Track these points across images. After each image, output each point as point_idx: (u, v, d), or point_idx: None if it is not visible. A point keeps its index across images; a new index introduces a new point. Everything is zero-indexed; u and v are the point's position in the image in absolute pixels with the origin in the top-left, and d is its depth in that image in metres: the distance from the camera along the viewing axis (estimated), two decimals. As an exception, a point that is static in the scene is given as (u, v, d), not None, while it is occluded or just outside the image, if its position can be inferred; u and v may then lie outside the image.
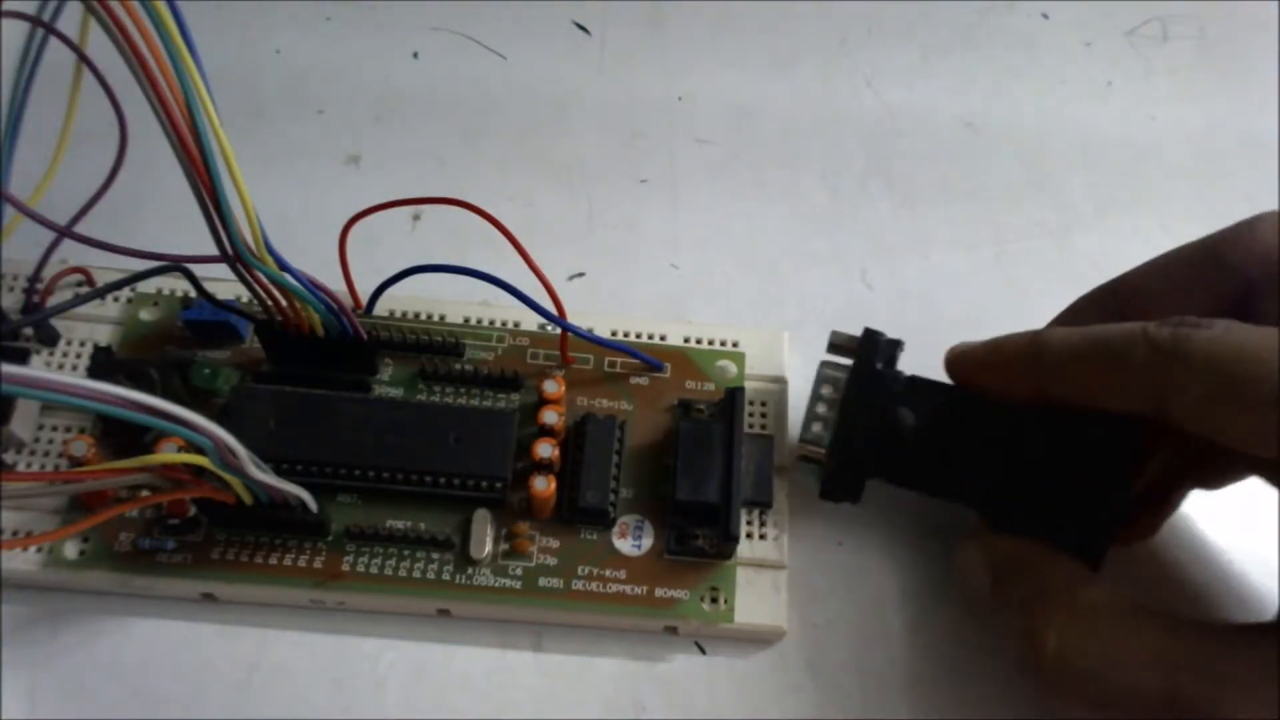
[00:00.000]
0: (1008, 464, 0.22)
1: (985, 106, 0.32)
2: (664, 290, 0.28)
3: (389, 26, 0.32)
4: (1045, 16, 0.34)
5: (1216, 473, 0.24)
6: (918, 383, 0.23)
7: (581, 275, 0.29)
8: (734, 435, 0.24)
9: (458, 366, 0.25)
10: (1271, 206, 0.30)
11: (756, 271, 0.29)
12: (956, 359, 0.23)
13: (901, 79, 0.32)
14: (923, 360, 0.23)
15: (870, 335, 0.23)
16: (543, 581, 0.23)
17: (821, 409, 0.24)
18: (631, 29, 0.33)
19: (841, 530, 0.25)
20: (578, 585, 0.23)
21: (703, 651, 0.24)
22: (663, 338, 0.26)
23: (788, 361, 0.26)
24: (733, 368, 0.26)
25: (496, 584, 0.23)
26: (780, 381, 0.26)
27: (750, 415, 0.25)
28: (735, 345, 0.26)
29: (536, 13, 0.33)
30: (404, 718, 0.23)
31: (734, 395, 0.24)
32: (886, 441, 0.23)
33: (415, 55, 0.32)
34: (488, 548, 0.23)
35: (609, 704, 0.23)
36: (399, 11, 0.32)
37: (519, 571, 0.23)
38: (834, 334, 0.24)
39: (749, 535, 0.24)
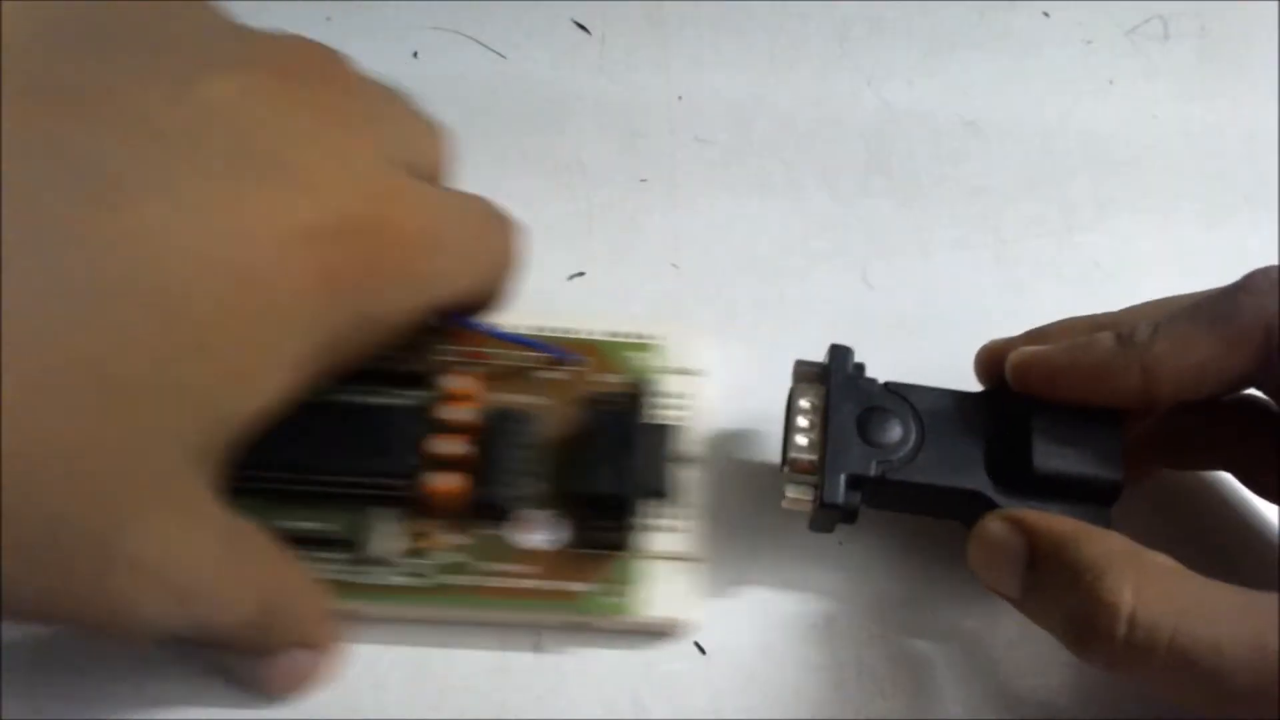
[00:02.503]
0: (999, 455, 0.22)
1: (986, 105, 0.32)
2: (664, 290, 0.28)
3: (389, 26, 0.32)
4: (1046, 15, 0.34)
5: (1189, 457, 0.25)
6: (894, 387, 0.23)
7: (581, 275, 0.29)
8: (637, 425, 0.23)
9: (365, 363, 0.24)
10: (1272, 206, 0.30)
11: (756, 271, 0.29)
12: (1032, 369, 0.22)
13: (901, 78, 0.32)
14: (923, 359, 0.24)
15: (837, 349, 0.23)
16: (448, 579, 0.23)
17: (804, 423, 0.23)
18: (631, 28, 0.33)
19: (841, 529, 0.25)
20: (484, 582, 0.23)
21: (703, 652, 0.24)
22: (584, 333, 0.26)
23: (708, 355, 0.26)
24: (650, 361, 0.25)
25: (401, 583, 0.23)
26: (700, 375, 0.26)
27: (669, 409, 0.25)
28: (655, 339, 0.26)
29: (536, 12, 0.33)
30: (404, 718, 0.23)
31: (639, 386, 0.24)
32: (880, 453, 0.22)
33: (415, 55, 0.32)
34: (392, 546, 0.23)
35: (609, 704, 0.23)
36: (399, 11, 0.32)
37: (424, 570, 0.23)
38: (798, 363, 0.24)
39: (659, 529, 0.24)
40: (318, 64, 0.20)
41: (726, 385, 0.26)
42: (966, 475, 0.22)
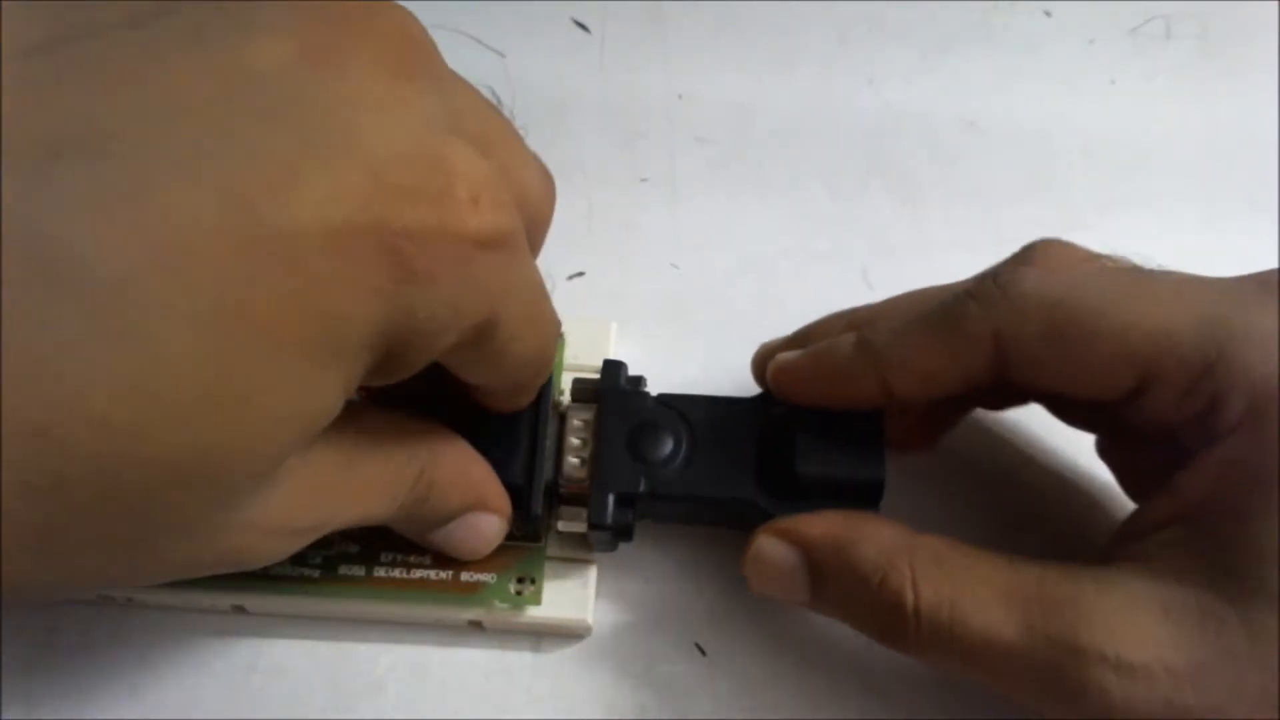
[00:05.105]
0: (769, 459, 0.22)
1: (987, 105, 0.32)
2: (664, 290, 0.28)
3: (389, 26, 0.32)
4: (1047, 15, 0.34)
5: (1001, 395, 0.24)
6: (666, 399, 0.23)
7: (581, 275, 0.29)
8: (540, 415, 0.23)
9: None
10: (1272, 206, 0.30)
11: (756, 271, 0.29)
12: (784, 377, 0.23)
13: (902, 78, 0.32)
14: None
15: (609, 365, 0.23)
16: (343, 570, 0.23)
17: (575, 442, 0.23)
18: (631, 28, 0.33)
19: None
20: (380, 573, 0.23)
21: (703, 653, 0.24)
22: None
23: (614, 350, 0.26)
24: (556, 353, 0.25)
25: (294, 573, 0.22)
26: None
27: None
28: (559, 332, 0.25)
29: (536, 11, 0.33)
30: (403, 718, 0.23)
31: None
32: (649, 468, 0.22)
33: (415, 55, 0.32)
34: None
35: (609, 704, 0.23)
36: (399, 11, 0.32)
37: (318, 560, 0.23)
38: (575, 381, 0.24)
39: (561, 531, 0.23)
40: (395, 33, 0.17)
41: (725, 385, 0.26)
42: (736, 484, 0.22)
